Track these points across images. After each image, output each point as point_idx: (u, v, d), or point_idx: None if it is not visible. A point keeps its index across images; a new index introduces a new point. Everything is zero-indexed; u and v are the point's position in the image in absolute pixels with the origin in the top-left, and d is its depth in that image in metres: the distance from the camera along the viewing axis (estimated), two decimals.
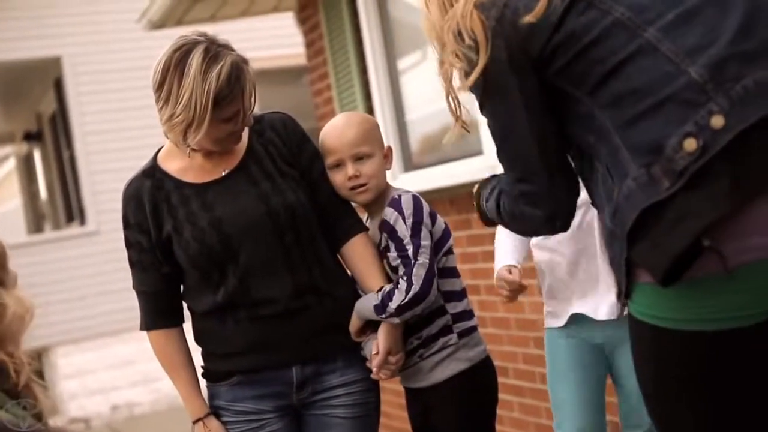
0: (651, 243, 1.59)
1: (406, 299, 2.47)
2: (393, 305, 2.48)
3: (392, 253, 2.54)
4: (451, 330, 2.58)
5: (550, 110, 1.78)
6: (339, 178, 2.63)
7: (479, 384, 2.62)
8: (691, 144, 1.52)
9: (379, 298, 2.51)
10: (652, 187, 1.56)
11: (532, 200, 1.82)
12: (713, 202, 1.51)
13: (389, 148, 2.71)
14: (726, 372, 1.61)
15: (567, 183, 1.83)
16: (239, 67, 2.46)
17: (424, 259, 2.50)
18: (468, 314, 2.64)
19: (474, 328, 2.64)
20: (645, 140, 1.59)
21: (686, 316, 1.60)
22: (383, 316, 2.51)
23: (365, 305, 2.56)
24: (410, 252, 2.51)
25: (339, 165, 2.63)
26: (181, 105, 2.41)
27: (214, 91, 2.40)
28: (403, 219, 2.53)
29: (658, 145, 1.57)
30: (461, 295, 2.64)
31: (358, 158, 2.61)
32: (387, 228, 2.55)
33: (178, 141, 2.51)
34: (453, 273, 2.64)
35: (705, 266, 1.55)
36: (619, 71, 1.64)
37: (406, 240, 2.52)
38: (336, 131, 2.64)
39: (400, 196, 2.58)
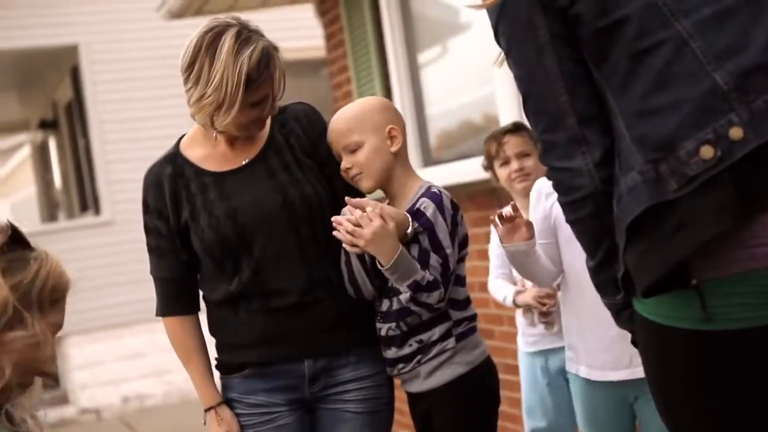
0: (647, 245, 1.56)
1: (435, 305, 2.49)
2: (428, 299, 2.46)
3: (432, 253, 2.49)
4: (450, 334, 2.55)
5: (582, 60, 1.68)
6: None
7: (479, 386, 2.60)
8: (708, 151, 1.49)
9: (425, 281, 2.45)
10: (659, 186, 1.54)
11: (564, 152, 1.69)
12: (716, 215, 1.49)
13: (392, 129, 2.62)
14: (731, 372, 1.58)
15: (601, 136, 1.67)
16: (269, 53, 2.47)
17: (453, 271, 2.52)
18: (469, 319, 2.60)
19: (473, 329, 2.60)
20: (655, 136, 1.55)
21: (690, 315, 1.57)
22: (407, 284, 2.45)
23: (410, 260, 2.46)
24: (451, 264, 2.50)
25: (340, 159, 2.62)
26: (212, 86, 2.41)
27: (246, 73, 2.40)
28: (445, 221, 2.50)
29: (669, 143, 1.53)
30: (465, 303, 2.61)
31: (351, 150, 2.58)
32: (426, 224, 2.49)
33: (206, 123, 2.51)
34: (461, 281, 2.61)
35: (702, 274, 1.53)
36: (641, 58, 1.58)
37: (450, 251, 2.50)
38: (330, 126, 2.65)
39: (440, 191, 2.54)
